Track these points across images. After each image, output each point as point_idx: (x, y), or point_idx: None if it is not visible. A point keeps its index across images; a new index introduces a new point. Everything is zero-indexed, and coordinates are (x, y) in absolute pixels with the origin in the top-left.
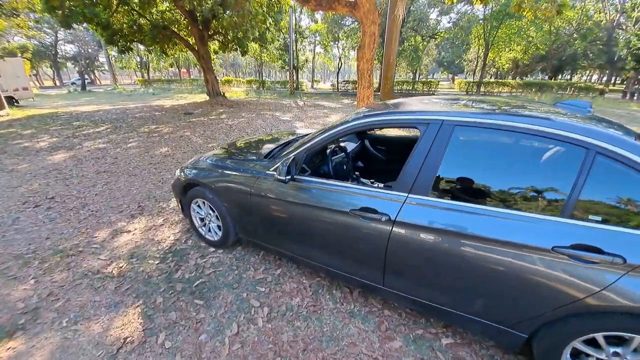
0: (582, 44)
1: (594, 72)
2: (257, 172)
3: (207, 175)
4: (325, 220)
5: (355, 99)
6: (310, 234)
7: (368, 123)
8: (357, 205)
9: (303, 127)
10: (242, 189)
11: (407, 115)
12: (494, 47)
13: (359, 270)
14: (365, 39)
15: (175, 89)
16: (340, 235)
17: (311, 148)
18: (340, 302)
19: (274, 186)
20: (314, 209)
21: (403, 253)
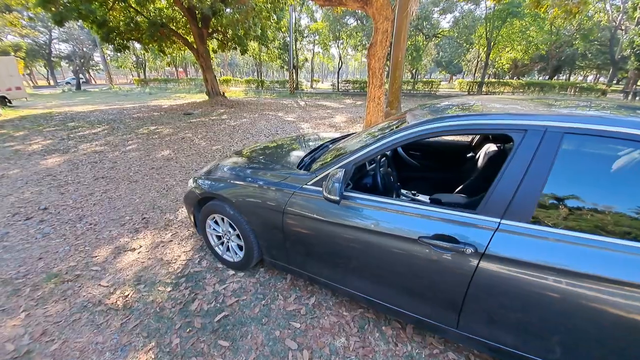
0: (583, 44)
1: (589, 73)
2: (291, 186)
3: (227, 188)
4: (384, 248)
5: (358, 99)
6: (360, 262)
7: (437, 129)
8: (429, 232)
9: (309, 128)
10: (272, 206)
11: (492, 119)
12: (495, 46)
13: (422, 307)
14: (377, 36)
15: (172, 89)
16: (401, 266)
17: (361, 159)
18: (393, 342)
19: (317, 205)
20: (370, 234)
21: (494, 293)
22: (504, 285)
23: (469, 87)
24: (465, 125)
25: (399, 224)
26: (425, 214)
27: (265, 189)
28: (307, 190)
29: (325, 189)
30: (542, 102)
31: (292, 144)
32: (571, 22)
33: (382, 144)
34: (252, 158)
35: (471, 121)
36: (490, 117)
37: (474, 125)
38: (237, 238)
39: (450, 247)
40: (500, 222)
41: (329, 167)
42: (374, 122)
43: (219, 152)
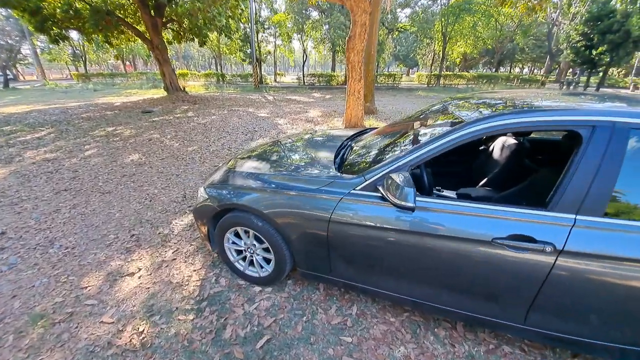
0: (523, 40)
1: (526, 65)
2: (337, 192)
3: (253, 197)
4: (453, 252)
5: (326, 93)
6: (423, 267)
7: (502, 126)
8: (503, 233)
9: (287, 124)
10: (313, 214)
11: (559, 115)
12: (450, 41)
13: (486, 306)
14: (355, 29)
15: (120, 84)
16: (470, 269)
17: (419, 160)
18: (449, 343)
19: (375, 211)
20: (439, 239)
21: (570, 288)
22: (580, 279)
23: (428, 79)
24: (531, 123)
25: (472, 227)
26: (497, 214)
27: (303, 196)
28: (358, 195)
29: (391, 195)
30: (577, 97)
31: (304, 143)
32: (531, 18)
33: (441, 144)
34: (271, 161)
35: (537, 118)
36: (556, 113)
37: (540, 122)
38: (265, 251)
39: (527, 247)
40: (575, 218)
41: (381, 169)
42: (354, 116)
43: (196, 153)
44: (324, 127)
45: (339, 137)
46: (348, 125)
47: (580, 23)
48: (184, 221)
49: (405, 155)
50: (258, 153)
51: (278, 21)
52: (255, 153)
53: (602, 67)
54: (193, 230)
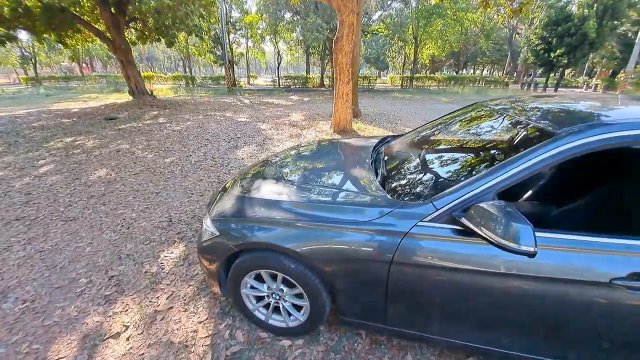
0: (486, 43)
1: (486, 67)
2: (399, 225)
3: (282, 233)
4: (561, 297)
5: (304, 95)
6: (518, 314)
7: (618, 139)
8: (622, 272)
9: (271, 130)
10: (368, 254)
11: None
12: (421, 44)
13: (575, 351)
14: (343, 29)
15: (76, 88)
16: (580, 316)
17: (506, 184)
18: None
19: (457, 249)
20: (544, 282)
21: None
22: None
23: (402, 81)
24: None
25: (588, 266)
26: (613, 249)
27: (351, 231)
28: (428, 229)
29: (490, 231)
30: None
31: (322, 156)
32: (476, 24)
33: (535, 162)
34: (293, 182)
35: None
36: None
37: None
38: (296, 297)
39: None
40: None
41: (457, 194)
42: (343, 119)
43: (176, 165)
44: (312, 133)
45: (360, 147)
46: (337, 130)
47: (540, 27)
48: (174, 253)
49: (486, 177)
50: (271, 171)
51: (250, 22)
52: (267, 171)
53: (559, 69)
54: (188, 265)
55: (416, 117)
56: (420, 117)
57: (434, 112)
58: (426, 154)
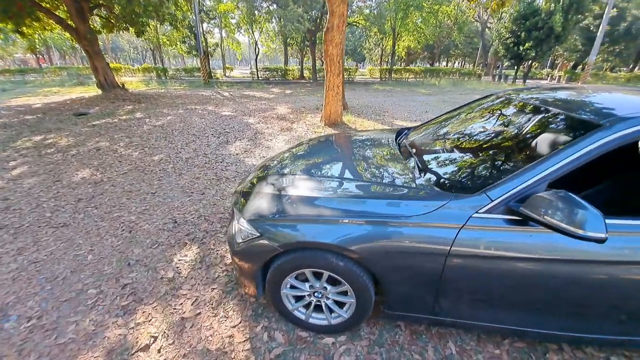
0: (459, 36)
1: (457, 60)
2: (455, 216)
3: (330, 231)
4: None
5: (285, 88)
6: (578, 297)
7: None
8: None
9: (259, 124)
10: (425, 248)
11: None
12: (399, 36)
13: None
14: (333, 20)
15: (34, 82)
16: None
17: (563, 171)
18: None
19: (517, 238)
20: (606, 266)
21: None
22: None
23: (381, 73)
24: None
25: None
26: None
27: (406, 226)
28: (485, 220)
29: (558, 220)
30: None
31: (342, 150)
32: (450, 17)
33: (586, 152)
34: (331, 177)
35: None
36: None
37: None
38: (340, 294)
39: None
40: None
41: (511, 185)
42: (334, 112)
43: (166, 163)
44: (303, 126)
45: (379, 140)
46: (328, 123)
47: (509, 21)
48: (188, 255)
49: (538, 168)
50: (297, 166)
51: (224, 11)
52: (293, 166)
53: (528, 61)
54: (207, 267)
55: (401, 109)
56: (404, 108)
57: (417, 104)
58: (461, 145)
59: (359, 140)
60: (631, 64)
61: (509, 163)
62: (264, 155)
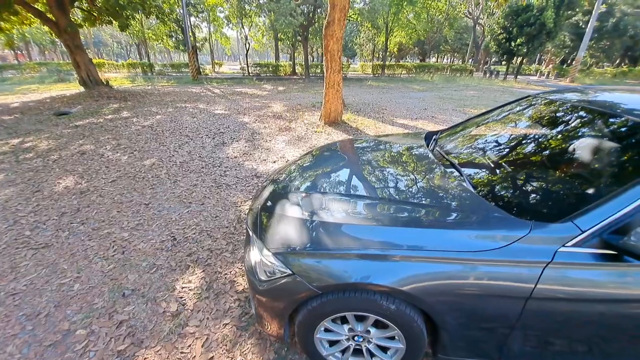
0: (450, 31)
1: (447, 55)
2: (537, 251)
3: (380, 268)
4: None
5: (278, 84)
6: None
7: None
8: None
9: (255, 122)
10: (500, 288)
11: None
12: (391, 32)
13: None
14: (334, 13)
15: (12, 78)
16: None
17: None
18: None
19: (614, 277)
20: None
21: None
22: None
23: (374, 69)
24: None
25: None
26: None
27: (473, 263)
28: (575, 255)
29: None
30: None
31: (370, 160)
32: (441, 12)
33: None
34: (370, 199)
35: None
36: None
37: None
38: (387, 339)
39: None
40: None
41: (606, 212)
42: (334, 110)
43: (159, 168)
44: (301, 125)
45: (408, 149)
46: (327, 121)
47: (502, 17)
48: (193, 282)
49: (633, 192)
50: (324, 182)
51: (213, 4)
52: (317, 181)
53: (519, 57)
54: (215, 296)
55: (399, 106)
56: (402, 105)
57: (413, 101)
58: (526, 158)
59: (383, 147)
60: (617, 60)
61: (597, 183)
62: (264, 159)
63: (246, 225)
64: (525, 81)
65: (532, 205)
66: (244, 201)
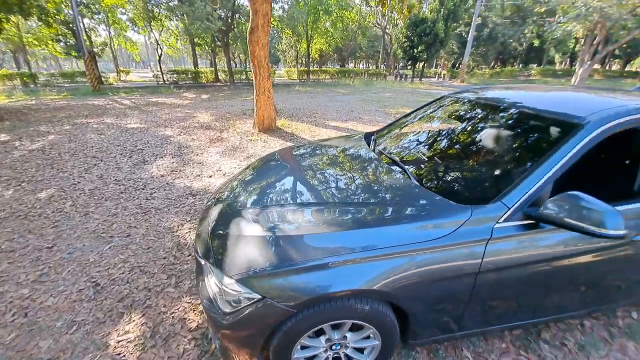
0: (363, 39)
1: (362, 61)
2: (479, 231)
3: (351, 274)
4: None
5: (200, 92)
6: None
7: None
8: None
9: (181, 135)
10: (456, 268)
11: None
12: (312, 39)
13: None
14: (257, 19)
15: None
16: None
17: (564, 170)
18: (559, 343)
19: (537, 242)
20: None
21: None
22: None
23: (300, 75)
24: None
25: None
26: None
27: (433, 251)
28: (507, 229)
29: (576, 221)
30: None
31: (314, 165)
32: (354, 22)
33: (579, 149)
34: (326, 205)
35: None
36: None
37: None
38: (363, 340)
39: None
40: None
41: (522, 190)
42: (267, 117)
43: (62, 201)
44: (235, 135)
45: (353, 147)
46: (262, 129)
47: (404, 27)
48: (131, 331)
49: (542, 170)
50: (280, 192)
51: (112, 4)
52: (275, 192)
53: (421, 62)
54: (164, 342)
55: (328, 110)
56: (331, 109)
57: (340, 104)
58: (453, 151)
59: (328, 151)
60: (492, 63)
61: (513, 166)
62: (198, 174)
63: (195, 253)
64: (428, 82)
65: (469, 192)
66: (182, 224)
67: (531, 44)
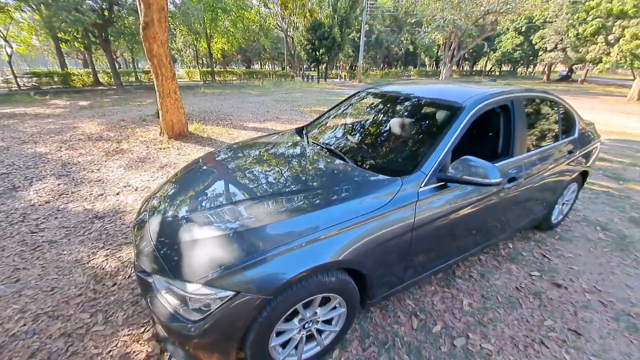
0: (266, 41)
1: (268, 62)
2: (410, 196)
3: (316, 251)
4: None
5: (76, 99)
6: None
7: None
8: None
9: (63, 151)
10: (398, 230)
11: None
12: (212, 38)
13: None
14: (151, 13)
15: None
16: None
17: (457, 142)
18: (467, 275)
19: (448, 198)
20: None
21: None
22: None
23: (203, 76)
24: (523, 97)
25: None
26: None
27: (382, 217)
28: (429, 192)
29: (471, 176)
30: (479, 84)
31: (263, 156)
32: (255, 23)
33: (464, 125)
34: (278, 195)
35: (528, 94)
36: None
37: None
38: (331, 311)
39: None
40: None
41: (432, 160)
42: (177, 121)
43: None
44: (138, 144)
45: (287, 144)
46: (171, 135)
47: (305, 31)
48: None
49: (443, 143)
50: (232, 192)
51: None
52: (224, 192)
53: (324, 64)
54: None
55: (243, 111)
56: (245, 110)
57: (254, 105)
58: (380, 134)
59: (266, 147)
60: (381, 65)
61: (425, 141)
62: (100, 193)
63: (138, 274)
64: (332, 83)
65: (396, 166)
66: (94, 253)
67: (407, 49)
